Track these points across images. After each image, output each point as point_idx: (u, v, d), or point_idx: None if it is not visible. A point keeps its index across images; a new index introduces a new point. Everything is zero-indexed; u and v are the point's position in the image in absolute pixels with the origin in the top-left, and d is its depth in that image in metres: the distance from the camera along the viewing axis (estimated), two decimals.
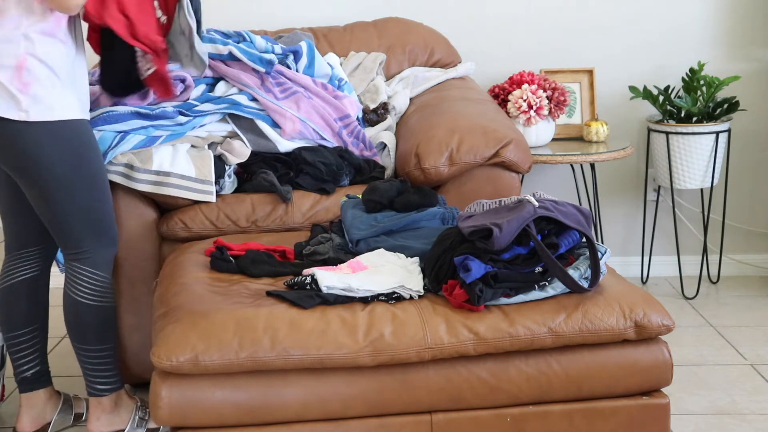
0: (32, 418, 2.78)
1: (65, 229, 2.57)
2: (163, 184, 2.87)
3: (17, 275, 2.75)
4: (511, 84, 3.67)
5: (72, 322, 2.65)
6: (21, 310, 2.75)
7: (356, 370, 2.19)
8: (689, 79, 3.76)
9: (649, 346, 2.27)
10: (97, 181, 2.58)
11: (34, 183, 2.51)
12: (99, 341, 2.65)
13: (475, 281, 2.20)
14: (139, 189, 2.87)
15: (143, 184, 2.87)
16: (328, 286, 2.28)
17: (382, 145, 3.23)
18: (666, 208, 4.01)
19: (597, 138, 3.72)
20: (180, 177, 2.88)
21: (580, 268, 2.30)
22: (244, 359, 2.13)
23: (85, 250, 2.58)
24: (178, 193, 2.88)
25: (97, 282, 2.61)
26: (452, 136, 2.99)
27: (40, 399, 2.79)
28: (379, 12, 3.85)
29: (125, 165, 2.86)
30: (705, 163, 3.76)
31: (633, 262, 4.10)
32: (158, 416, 2.16)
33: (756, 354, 3.33)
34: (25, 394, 2.78)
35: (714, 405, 2.96)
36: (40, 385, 2.79)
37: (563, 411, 2.26)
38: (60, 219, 2.54)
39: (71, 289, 2.62)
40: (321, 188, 3.01)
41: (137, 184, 2.87)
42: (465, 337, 2.18)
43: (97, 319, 2.63)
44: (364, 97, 3.44)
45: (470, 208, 2.40)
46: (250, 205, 2.95)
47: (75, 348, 2.68)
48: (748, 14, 3.96)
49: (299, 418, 2.20)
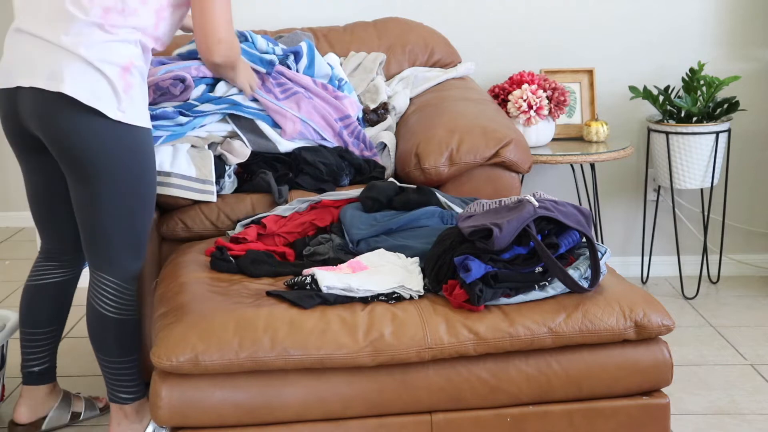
0: (30, 409, 2.80)
1: (103, 238, 2.53)
2: (163, 184, 2.87)
3: (48, 277, 2.77)
4: (511, 84, 3.67)
5: (95, 334, 2.63)
6: (44, 310, 2.76)
7: (356, 370, 2.19)
8: (689, 79, 3.76)
9: (649, 346, 2.27)
10: (149, 195, 2.58)
11: (94, 182, 2.47)
12: (122, 354, 2.63)
13: (475, 281, 2.21)
14: None
15: None
16: (328, 286, 2.28)
17: (382, 145, 3.23)
18: (666, 208, 4.01)
19: (597, 138, 3.72)
20: (181, 177, 2.88)
21: (580, 268, 2.30)
22: (244, 359, 2.13)
23: (117, 262, 2.56)
24: (179, 193, 2.88)
25: (123, 295, 2.59)
26: (452, 136, 2.99)
27: (41, 393, 2.81)
28: (379, 12, 3.85)
29: None
30: (705, 163, 3.76)
31: (633, 262, 4.10)
32: (158, 416, 2.16)
33: (756, 354, 3.33)
34: (27, 387, 2.79)
35: (714, 405, 2.96)
36: (44, 381, 2.81)
37: (563, 411, 2.26)
38: (103, 225, 2.51)
39: (96, 301, 2.59)
40: (320, 188, 3.01)
41: None
42: (465, 337, 2.18)
43: (120, 332, 2.61)
44: (364, 97, 3.44)
45: (470, 208, 2.40)
46: (250, 205, 2.95)
47: (98, 359, 2.67)
48: (748, 14, 3.97)
49: (299, 418, 2.20)
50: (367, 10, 3.87)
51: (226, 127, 3.08)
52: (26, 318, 2.78)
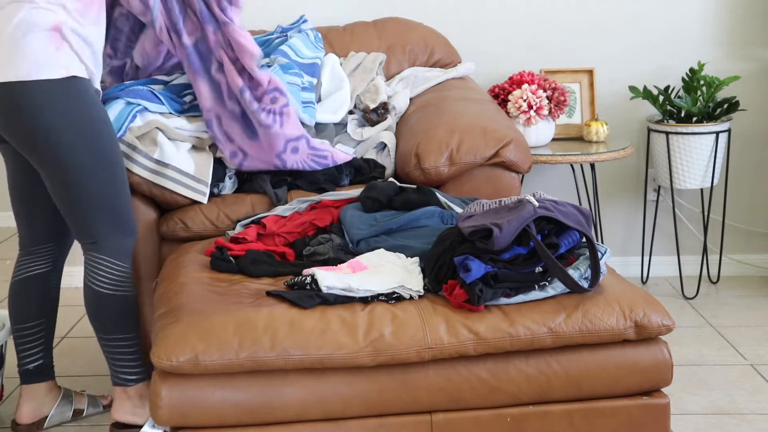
0: (31, 409, 2.82)
1: (82, 216, 2.59)
2: (159, 173, 2.87)
3: (30, 270, 2.80)
4: (511, 84, 3.67)
5: (93, 313, 2.68)
6: (30, 304, 2.80)
7: (356, 370, 2.19)
8: (689, 79, 3.76)
9: (649, 346, 2.27)
10: (112, 156, 2.60)
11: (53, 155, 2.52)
12: (121, 330, 2.67)
13: (475, 281, 2.21)
14: (136, 172, 2.86)
15: (141, 168, 2.87)
16: (328, 286, 2.28)
17: (382, 145, 3.23)
18: (666, 208, 4.01)
19: (597, 138, 3.72)
20: (177, 171, 2.89)
21: (580, 268, 2.30)
22: (244, 359, 2.13)
23: (101, 239, 2.61)
24: (171, 186, 2.88)
25: (116, 271, 2.63)
26: (452, 136, 2.99)
27: (40, 391, 2.83)
28: (379, 12, 3.85)
29: (128, 145, 2.86)
30: (705, 163, 3.76)
31: (633, 262, 4.10)
32: (158, 416, 2.16)
33: (756, 354, 3.33)
34: (26, 386, 2.82)
35: (714, 405, 2.96)
36: (41, 379, 2.82)
37: (563, 411, 2.26)
38: (79, 201, 2.56)
39: (90, 280, 2.64)
40: (320, 188, 3.01)
41: (136, 167, 2.86)
42: (465, 337, 2.18)
43: (117, 308, 2.66)
44: (364, 97, 3.44)
45: (470, 208, 2.40)
46: (250, 205, 2.95)
47: (99, 339, 2.71)
48: (748, 14, 3.97)
49: (299, 418, 2.20)
50: (367, 10, 3.87)
51: None
52: (15, 314, 2.82)
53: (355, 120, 3.40)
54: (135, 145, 2.86)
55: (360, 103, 3.43)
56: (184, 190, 2.90)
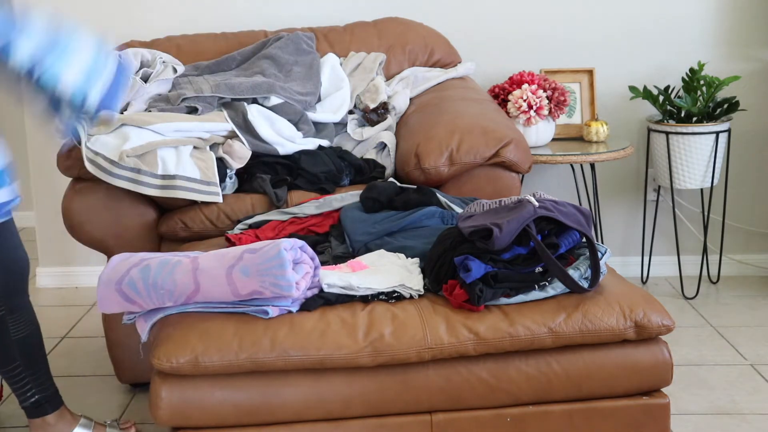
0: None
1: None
2: (169, 187, 2.85)
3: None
4: (511, 84, 3.67)
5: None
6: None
7: (356, 371, 2.19)
8: (689, 79, 3.76)
9: (649, 346, 2.27)
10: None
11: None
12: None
13: (475, 281, 2.21)
14: (148, 194, 2.85)
15: (151, 188, 2.84)
16: (328, 284, 2.28)
17: (382, 145, 3.23)
18: (666, 208, 4.01)
19: (597, 138, 3.72)
20: (186, 179, 2.88)
21: (580, 268, 2.31)
22: (244, 360, 2.14)
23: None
24: (186, 195, 2.87)
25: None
26: (452, 136, 2.99)
27: (47, 423, 2.70)
28: (379, 12, 3.85)
29: (132, 169, 2.84)
30: (705, 163, 3.76)
31: (633, 262, 4.10)
32: (158, 417, 2.16)
33: (756, 354, 3.33)
34: (31, 420, 2.70)
35: (714, 405, 2.96)
36: (41, 413, 2.69)
37: (563, 411, 2.26)
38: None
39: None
40: (320, 188, 3.01)
41: (146, 189, 2.84)
42: (465, 337, 2.18)
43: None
44: (364, 97, 3.44)
45: (470, 208, 2.40)
46: (250, 204, 2.95)
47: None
48: (748, 14, 3.97)
49: (299, 418, 2.20)
50: (367, 10, 3.87)
51: (226, 126, 3.09)
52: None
53: (355, 120, 3.40)
54: (139, 167, 2.84)
55: (360, 103, 3.43)
56: (198, 196, 2.89)
